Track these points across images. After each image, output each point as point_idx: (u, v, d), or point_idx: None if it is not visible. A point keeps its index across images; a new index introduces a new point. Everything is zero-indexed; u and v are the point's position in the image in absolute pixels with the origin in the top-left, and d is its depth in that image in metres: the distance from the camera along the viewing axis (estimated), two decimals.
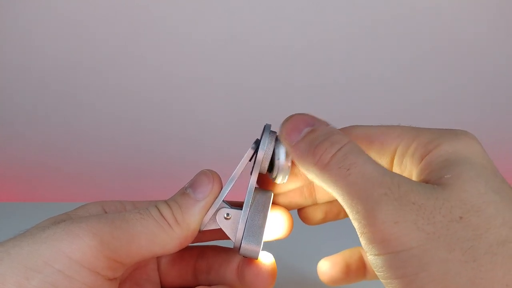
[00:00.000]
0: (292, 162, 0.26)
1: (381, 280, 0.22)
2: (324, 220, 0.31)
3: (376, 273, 0.22)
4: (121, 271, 0.25)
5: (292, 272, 0.41)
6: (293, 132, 0.25)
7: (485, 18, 0.57)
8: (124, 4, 0.55)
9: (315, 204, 0.31)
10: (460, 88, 0.62)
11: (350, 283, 0.33)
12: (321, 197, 0.30)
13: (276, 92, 0.62)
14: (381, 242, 0.20)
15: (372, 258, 0.21)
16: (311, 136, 0.24)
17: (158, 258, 0.31)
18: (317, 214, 0.31)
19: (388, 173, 0.22)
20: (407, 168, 0.25)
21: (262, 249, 0.28)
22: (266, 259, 0.28)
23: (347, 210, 0.22)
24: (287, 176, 0.27)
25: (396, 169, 0.26)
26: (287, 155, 0.26)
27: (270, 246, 0.29)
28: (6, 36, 0.57)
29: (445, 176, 0.21)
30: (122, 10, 0.55)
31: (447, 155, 0.23)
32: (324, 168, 0.23)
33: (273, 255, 0.29)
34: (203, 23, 0.57)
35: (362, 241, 0.22)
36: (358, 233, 0.22)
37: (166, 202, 0.26)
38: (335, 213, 0.31)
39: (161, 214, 0.25)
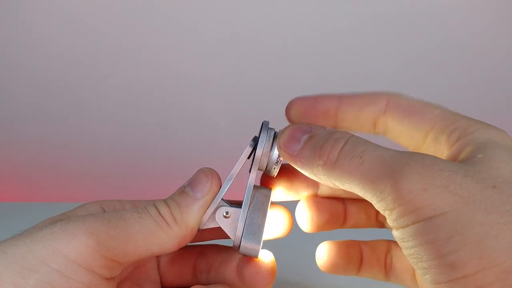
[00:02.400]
0: None
1: (406, 252, 0.21)
2: (324, 227, 0.31)
3: (401, 245, 0.21)
4: (119, 271, 0.25)
5: (292, 271, 0.41)
6: (291, 143, 0.25)
7: (485, 16, 0.57)
8: (125, 3, 0.55)
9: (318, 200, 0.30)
10: (459, 87, 0.62)
11: (343, 274, 0.31)
12: (324, 190, 0.30)
13: (277, 91, 0.62)
14: (412, 212, 0.20)
15: (399, 232, 0.21)
16: (312, 141, 0.24)
17: (158, 258, 0.31)
18: (320, 216, 0.30)
19: (405, 151, 0.22)
20: (441, 146, 0.25)
21: (262, 247, 0.28)
22: (265, 257, 0.28)
23: (370, 196, 0.21)
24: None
25: (428, 146, 0.26)
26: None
27: (270, 244, 0.29)
28: (6, 35, 0.57)
29: (478, 156, 0.21)
30: (123, 9, 0.55)
31: (483, 139, 0.23)
32: (334, 165, 0.22)
33: (273, 253, 0.28)
34: (203, 22, 0.57)
35: (391, 218, 0.21)
36: (386, 215, 0.21)
37: (164, 201, 0.26)
38: (339, 216, 0.31)
39: (159, 213, 0.25)
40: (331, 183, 0.23)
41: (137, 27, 0.57)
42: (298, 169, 0.25)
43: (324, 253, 0.31)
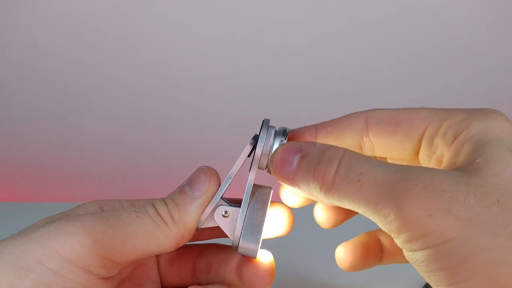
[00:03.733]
0: None
1: (421, 274, 0.21)
2: (345, 218, 0.30)
3: (415, 267, 0.21)
4: (116, 270, 0.25)
5: (292, 271, 0.41)
6: (285, 166, 0.24)
7: (484, 16, 0.57)
8: (125, 3, 0.55)
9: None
10: (459, 87, 0.62)
11: (367, 268, 0.31)
12: None
13: (277, 91, 0.62)
14: (419, 239, 0.19)
15: (410, 254, 0.20)
16: (304, 162, 0.23)
17: (157, 257, 0.30)
18: (338, 213, 0.30)
19: (404, 167, 0.21)
20: (439, 149, 0.24)
21: (262, 247, 0.27)
22: (264, 257, 0.28)
23: (373, 219, 0.21)
24: None
25: (424, 151, 0.25)
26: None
27: (269, 244, 0.29)
28: (6, 35, 0.57)
29: (476, 161, 0.20)
30: (123, 9, 0.55)
31: (480, 134, 0.22)
32: (332, 188, 0.22)
33: (272, 253, 0.28)
34: (203, 22, 0.57)
35: (399, 241, 0.20)
36: (393, 236, 0.21)
37: (163, 200, 0.26)
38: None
39: (157, 212, 0.25)
40: (332, 203, 0.23)
41: (137, 27, 0.57)
42: (297, 190, 0.24)
43: (342, 256, 0.31)
